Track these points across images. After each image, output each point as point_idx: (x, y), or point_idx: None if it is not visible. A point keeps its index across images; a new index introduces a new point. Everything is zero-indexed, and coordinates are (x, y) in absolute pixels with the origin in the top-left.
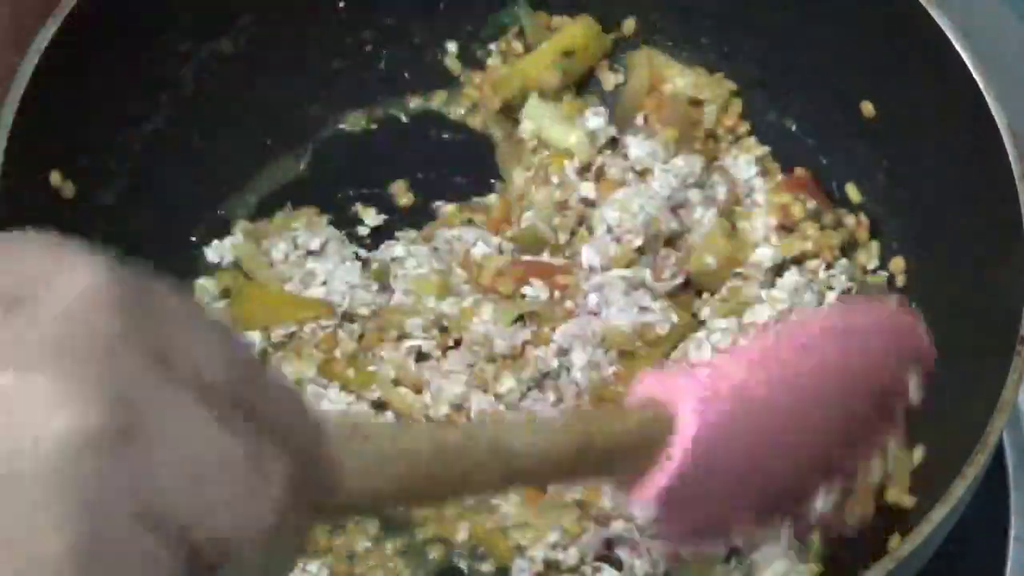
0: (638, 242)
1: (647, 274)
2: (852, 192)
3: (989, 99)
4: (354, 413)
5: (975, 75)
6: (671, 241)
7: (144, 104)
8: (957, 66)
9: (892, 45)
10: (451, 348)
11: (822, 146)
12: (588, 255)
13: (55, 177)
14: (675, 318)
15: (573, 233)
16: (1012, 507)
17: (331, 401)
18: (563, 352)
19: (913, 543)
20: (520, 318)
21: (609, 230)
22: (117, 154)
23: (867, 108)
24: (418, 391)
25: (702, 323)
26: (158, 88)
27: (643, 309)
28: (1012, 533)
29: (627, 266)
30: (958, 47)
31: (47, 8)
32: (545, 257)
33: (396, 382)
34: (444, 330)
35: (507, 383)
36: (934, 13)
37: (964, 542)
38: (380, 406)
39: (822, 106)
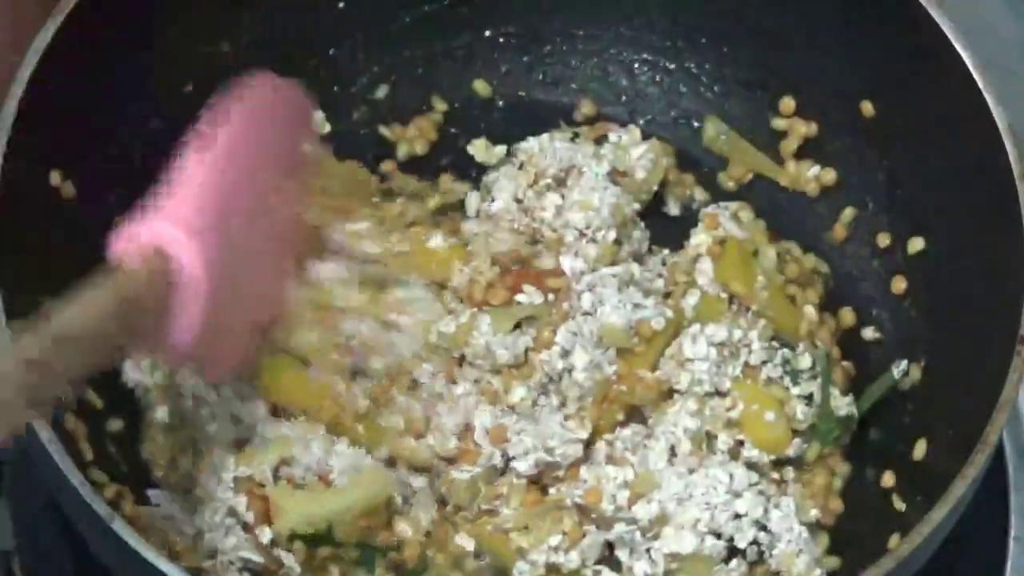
0: (612, 235)
1: (636, 269)
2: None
3: (989, 99)
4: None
5: (975, 75)
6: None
7: (144, 104)
8: (957, 66)
9: (892, 45)
10: (457, 369)
11: (822, 145)
12: (569, 263)
13: (55, 177)
14: (669, 313)
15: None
16: (1012, 507)
17: (339, 455)
18: (566, 353)
19: (913, 543)
20: (518, 325)
21: (581, 235)
22: (117, 154)
23: (867, 108)
24: (420, 436)
25: None
26: (158, 88)
27: (637, 306)
28: (1012, 533)
29: (612, 263)
30: (958, 47)
31: (47, 8)
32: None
33: (403, 432)
34: (445, 351)
35: (518, 392)
36: (934, 13)
37: (964, 542)
38: (391, 463)
39: (822, 106)
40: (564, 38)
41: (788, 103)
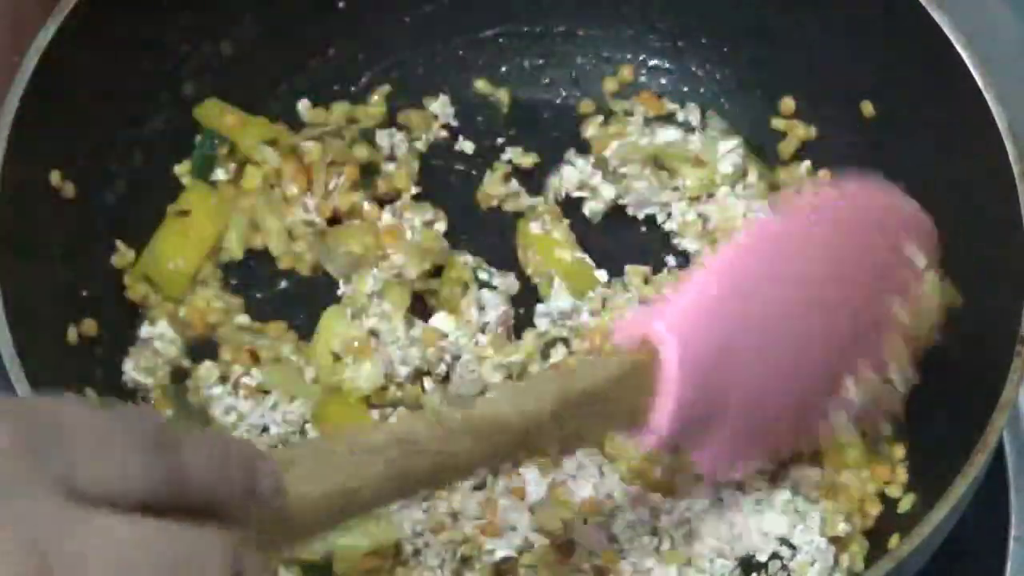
0: None
1: None
2: None
3: (989, 99)
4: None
5: (975, 75)
6: None
7: (144, 104)
8: (957, 66)
9: (892, 45)
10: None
11: (821, 145)
12: None
13: (55, 177)
14: None
15: None
16: (1012, 507)
17: None
18: None
19: (913, 543)
20: None
21: None
22: (117, 154)
23: (867, 108)
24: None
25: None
26: (158, 88)
27: None
28: (1012, 533)
29: None
30: (958, 47)
31: (47, 8)
32: None
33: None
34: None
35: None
36: (934, 13)
37: (964, 542)
38: None
39: (822, 106)
40: (564, 38)
41: (788, 103)
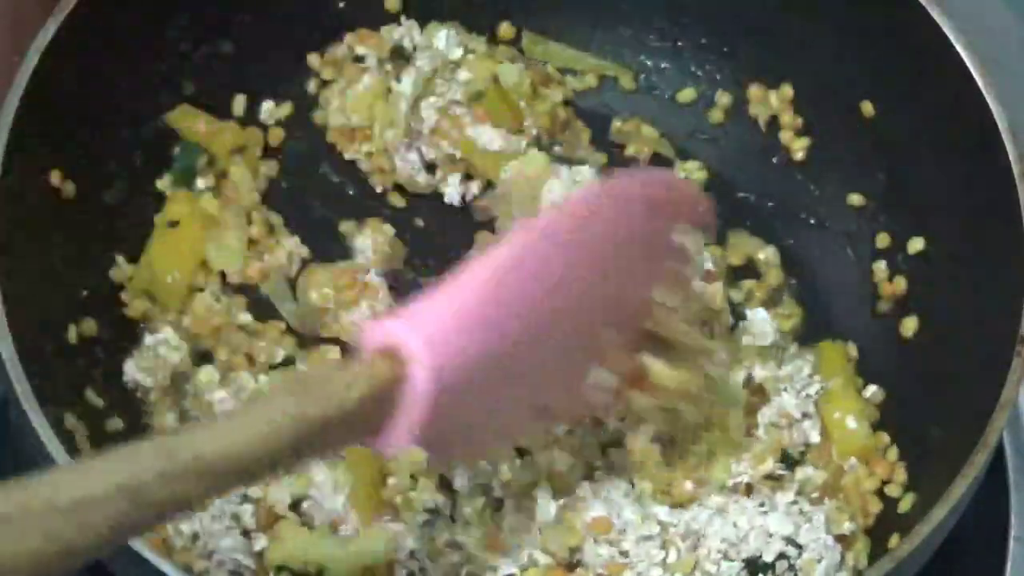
0: None
1: None
2: (855, 198)
3: (989, 99)
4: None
5: (975, 75)
6: None
7: (144, 104)
8: (957, 66)
9: (892, 45)
10: None
11: (822, 146)
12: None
13: (55, 177)
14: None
15: None
16: (1012, 507)
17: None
18: None
19: (913, 543)
20: None
21: None
22: (117, 154)
23: (867, 108)
24: None
25: None
26: (158, 88)
27: None
28: (1012, 533)
29: None
30: (958, 47)
31: (47, 8)
32: None
33: None
34: None
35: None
36: (934, 13)
37: (964, 542)
38: None
39: (822, 106)
40: (564, 38)
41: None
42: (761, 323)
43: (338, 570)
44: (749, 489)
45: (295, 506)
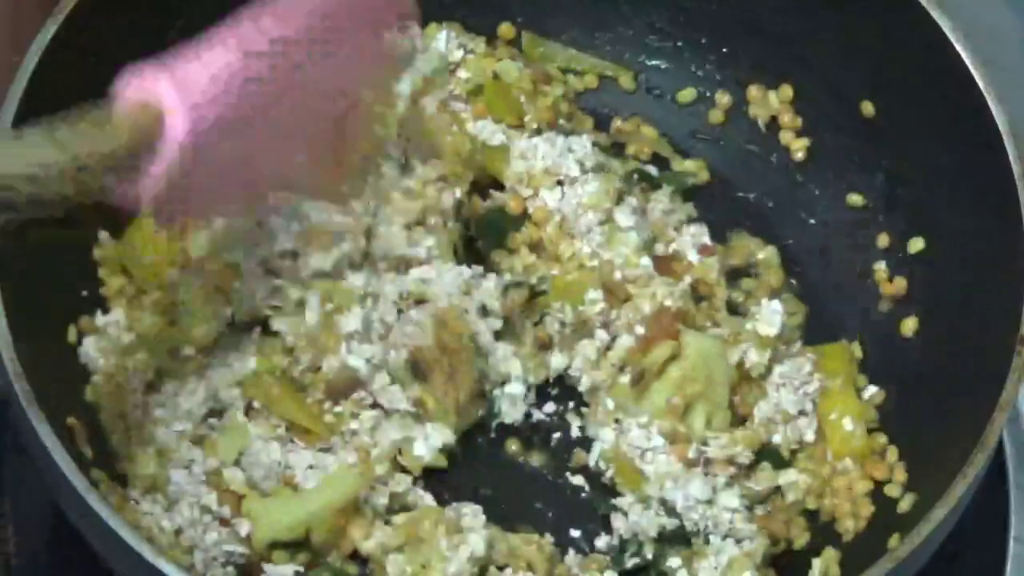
0: None
1: None
2: (855, 198)
3: (989, 99)
4: None
5: (975, 75)
6: None
7: None
8: (957, 66)
9: (892, 45)
10: None
11: (821, 146)
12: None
13: None
14: None
15: None
16: (1012, 507)
17: (298, 454)
18: None
19: (913, 543)
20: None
21: None
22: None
23: (867, 108)
24: None
25: None
26: None
27: None
28: (1012, 533)
29: None
30: (958, 47)
31: (47, 8)
32: None
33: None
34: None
35: None
36: (934, 13)
37: (964, 542)
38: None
39: (822, 106)
40: (564, 38)
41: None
42: (772, 314)
43: (321, 521)
44: (707, 463)
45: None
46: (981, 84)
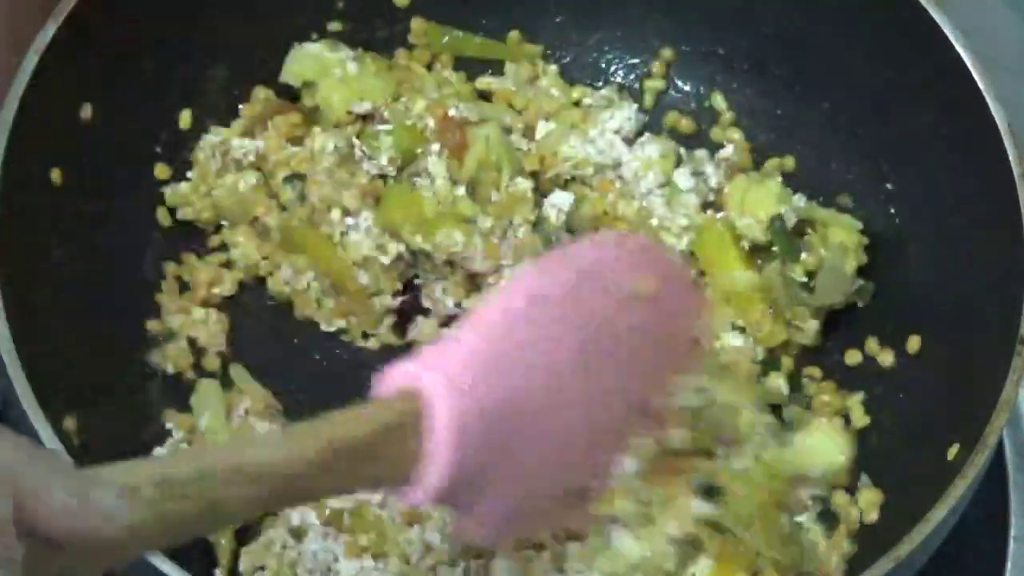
0: None
1: None
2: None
3: (989, 99)
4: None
5: (975, 75)
6: None
7: (143, 104)
8: (957, 66)
9: (892, 45)
10: None
11: (822, 145)
12: None
13: (55, 176)
14: None
15: None
16: (1012, 507)
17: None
18: None
19: (913, 543)
20: None
21: None
22: (117, 154)
23: (866, 108)
24: None
25: None
26: (158, 88)
27: None
28: (1012, 533)
29: None
30: (958, 47)
31: (47, 8)
32: None
33: None
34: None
35: None
36: (934, 13)
37: (964, 542)
38: None
39: (821, 106)
40: (563, 39)
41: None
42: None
43: None
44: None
45: None
46: (981, 84)
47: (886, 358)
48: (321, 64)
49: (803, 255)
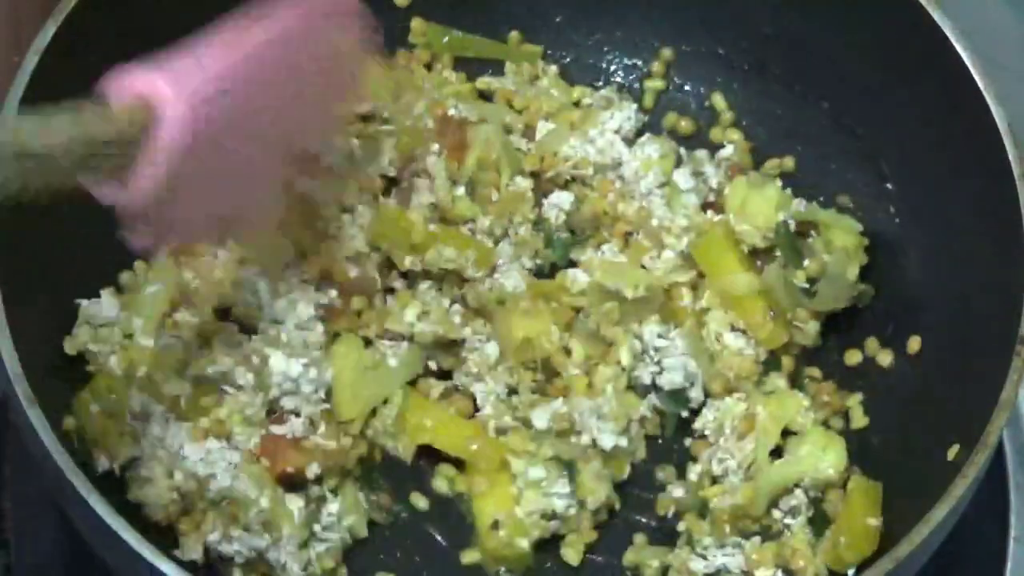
0: None
1: None
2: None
3: (989, 99)
4: None
5: (975, 75)
6: None
7: None
8: (957, 66)
9: (892, 45)
10: None
11: (822, 145)
12: None
13: None
14: None
15: None
16: (1012, 507)
17: None
18: None
19: (913, 543)
20: None
21: None
22: None
23: (867, 108)
24: None
25: None
26: None
27: None
28: (1012, 533)
29: None
30: (958, 47)
31: (47, 8)
32: None
33: None
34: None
35: None
36: (934, 13)
37: (964, 542)
38: None
39: (822, 106)
40: (563, 39)
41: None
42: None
43: None
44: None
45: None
46: (981, 84)
47: (886, 358)
48: None
49: (806, 262)
